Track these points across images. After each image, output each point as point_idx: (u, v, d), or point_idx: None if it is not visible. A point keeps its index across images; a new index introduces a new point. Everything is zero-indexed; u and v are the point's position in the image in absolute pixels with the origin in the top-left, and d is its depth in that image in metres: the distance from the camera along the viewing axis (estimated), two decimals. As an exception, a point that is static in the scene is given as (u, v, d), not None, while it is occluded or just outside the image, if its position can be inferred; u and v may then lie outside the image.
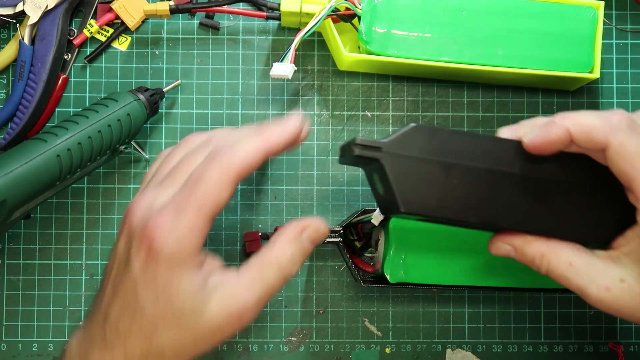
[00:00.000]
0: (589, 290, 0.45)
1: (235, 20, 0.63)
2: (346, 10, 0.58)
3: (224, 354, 0.61)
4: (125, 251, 0.45)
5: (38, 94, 0.59)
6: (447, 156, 0.46)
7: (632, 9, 0.63)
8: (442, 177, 0.46)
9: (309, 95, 0.62)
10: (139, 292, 0.44)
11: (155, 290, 0.44)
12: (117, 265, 0.46)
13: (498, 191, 0.47)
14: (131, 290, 0.44)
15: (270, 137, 0.46)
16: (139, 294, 0.44)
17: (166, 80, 0.62)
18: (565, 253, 0.46)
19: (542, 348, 0.62)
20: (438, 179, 0.46)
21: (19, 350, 0.61)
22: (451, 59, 0.58)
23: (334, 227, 0.57)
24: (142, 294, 0.44)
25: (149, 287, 0.44)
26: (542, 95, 0.63)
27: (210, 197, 0.44)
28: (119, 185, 0.62)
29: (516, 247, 0.47)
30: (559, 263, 0.46)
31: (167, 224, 0.43)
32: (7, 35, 0.62)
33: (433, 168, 0.46)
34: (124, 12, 0.61)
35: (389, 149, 0.46)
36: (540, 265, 0.47)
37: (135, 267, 0.44)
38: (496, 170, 0.47)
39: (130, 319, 0.44)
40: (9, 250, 0.61)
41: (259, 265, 0.46)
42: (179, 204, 0.44)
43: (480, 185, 0.46)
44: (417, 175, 0.46)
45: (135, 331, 0.44)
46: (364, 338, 0.62)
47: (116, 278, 0.46)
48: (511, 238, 0.48)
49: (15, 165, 0.52)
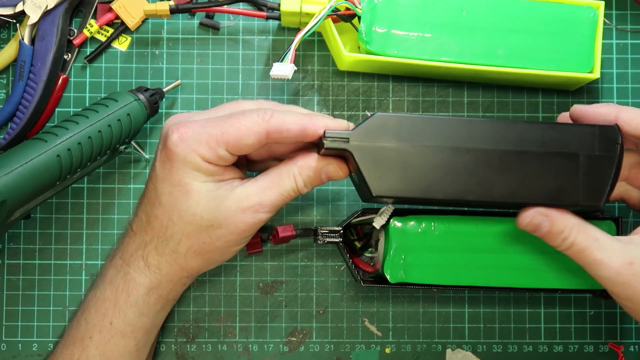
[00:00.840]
0: (611, 263, 0.50)
1: (235, 20, 0.63)
2: (346, 10, 0.58)
3: (224, 354, 0.61)
4: (156, 153, 0.53)
5: (38, 94, 0.59)
6: (412, 140, 0.49)
7: (632, 9, 0.63)
8: (409, 160, 0.49)
9: (309, 95, 0.62)
10: (158, 185, 0.51)
11: (171, 184, 0.51)
12: (150, 170, 0.53)
13: (464, 167, 0.50)
14: (153, 185, 0.52)
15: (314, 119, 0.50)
16: (158, 187, 0.51)
17: (166, 80, 0.62)
18: (592, 229, 0.51)
19: (542, 348, 0.62)
20: (405, 163, 0.50)
21: (19, 350, 0.61)
22: (451, 59, 0.58)
23: (334, 227, 0.57)
24: (159, 187, 0.51)
25: (165, 181, 0.51)
26: (542, 95, 0.63)
27: (236, 132, 0.49)
28: (119, 185, 0.62)
29: (553, 218, 0.51)
30: (587, 237, 0.51)
31: (190, 131, 0.50)
32: (7, 35, 0.62)
33: (400, 153, 0.49)
34: (124, 12, 0.61)
35: (356, 139, 0.49)
36: (568, 236, 0.51)
37: (157, 163, 0.51)
38: (461, 148, 0.50)
39: (150, 209, 0.52)
40: (9, 250, 0.61)
41: (277, 173, 0.52)
42: (208, 121, 0.50)
43: (446, 163, 0.50)
44: (386, 161, 0.49)
45: (153, 221, 0.52)
46: (364, 338, 0.62)
47: (148, 180, 0.53)
48: (548, 210, 0.51)
49: (15, 165, 0.52)
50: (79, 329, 0.54)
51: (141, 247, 0.53)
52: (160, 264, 0.53)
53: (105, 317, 0.53)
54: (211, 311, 0.61)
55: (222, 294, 0.62)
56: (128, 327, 0.54)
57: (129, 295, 0.53)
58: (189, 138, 0.50)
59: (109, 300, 0.53)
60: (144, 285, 0.53)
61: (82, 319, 0.55)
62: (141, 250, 0.53)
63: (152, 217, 0.52)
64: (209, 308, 0.61)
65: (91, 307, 0.54)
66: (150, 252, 0.52)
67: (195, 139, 0.50)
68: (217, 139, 0.50)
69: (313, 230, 0.57)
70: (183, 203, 0.51)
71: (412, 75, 0.62)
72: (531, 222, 0.52)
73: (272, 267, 0.62)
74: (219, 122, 0.50)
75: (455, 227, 0.56)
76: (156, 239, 0.52)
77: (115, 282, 0.53)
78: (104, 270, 0.55)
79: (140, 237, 0.53)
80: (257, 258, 0.62)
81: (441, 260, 0.55)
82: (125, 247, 0.54)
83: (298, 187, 0.52)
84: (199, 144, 0.50)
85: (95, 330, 0.54)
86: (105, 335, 0.54)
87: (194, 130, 0.50)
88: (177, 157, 0.50)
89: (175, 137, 0.50)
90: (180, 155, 0.50)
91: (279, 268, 0.62)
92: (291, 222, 0.61)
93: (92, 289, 0.56)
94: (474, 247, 0.56)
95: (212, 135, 0.50)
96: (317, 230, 0.57)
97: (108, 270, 0.55)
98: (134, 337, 0.54)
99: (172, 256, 0.52)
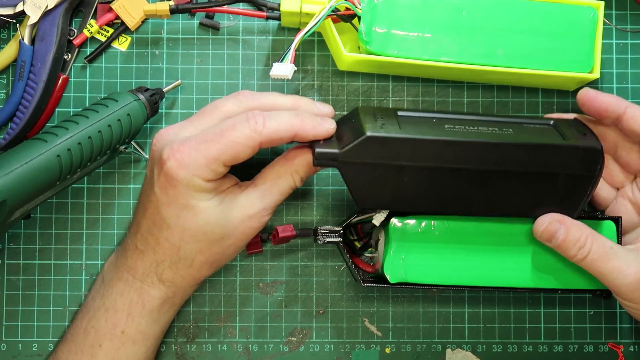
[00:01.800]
0: (628, 270, 0.51)
1: (235, 20, 0.63)
2: (346, 10, 0.58)
3: (224, 354, 0.61)
4: (150, 175, 0.52)
5: (38, 94, 0.59)
6: (397, 160, 0.51)
7: (632, 9, 0.63)
8: (393, 177, 0.52)
9: (309, 95, 0.62)
10: (162, 209, 0.51)
11: (177, 208, 0.51)
12: (145, 188, 0.54)
13: (446, 185, 0.53)
14: (155, 209, 0.52)
15: (304, 125, 0.51)
16: (162, 212, 0.51)
17: (166, 80, 0.62)
18: (606, 239, 0.53)
19: (542, 348, 0.62)
20: (390, 179, 0.52)
21: (19, 350, 0.61)
22: (451, 59, 0.58)
23: (334, 227, 0.57)
24: (164, 211, 0.51)
25: (170, 205, 0.51)
26: (542, 95, 0.63)
27: (232, 149, 0.50)
28: (119, 185, 0.62)
29: (568, 225, 0.52)
30: (603, 245, 0.52)
31: (187, 155, 0.50)
32: (7, 35, 0.62)
33: (384, 170, 0.52)
34: (124, 12, 0.61)
35: (344, 157, 0.51)
36: (584, 244, 0.52)
37: (157, 189, 0.51)
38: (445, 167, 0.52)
39: (158, 231, 0.52)
40: (9, 250, 0.61)
41: (275, 174, 0.53)
42: (203, 140, 0.50)
43: (429, 181, 0.52)
44: (371, 177, 0.52)
45: (163, 242, 0.52)
46: (364, 338, 0.62)
47: (144, 199, 0.53)
48: (562, 217, 0.53)
49: (15, 165, 0.51)
50: (87, 337, 0.55)
51: (153, 265, 0.53)
52: (175, 278, 0.54)
53: (117, 327, 0.54)
54: (211, 311, 0.61)
55: (222, 294, 0.62)
56: (139, 334, 0.55)
57: (144, 306, 0.54)
58: (188, 164, 0.50)
59: (121, 311, 0.54)
60: (159, 297, 0.54)
61: (89, 326, 0.55)
62: (154, 269, 0.54)
63: (162, 239, 0.52)
64: (209, 308, 0.61)
65: (100, 317, 0.55)
66: (164, 270, 0.53)
67: (195, 164, 0.50)
68: (214, 159, 0.50)
69: (313, 230, 0.57)
70: (193, 224, 0.51)
71: (412, 75, 0.62)
72: (547, 230, 0.53)
73: (272, 267, 0.62)
74: (213, 140, 0.50)
75: (455, 227, 0.56)
76: (169, 258, 0.53)
77: (127, 295, 0.54)
78: (110, 281, 0.55)
79: (150, 257, 0.53)
80: (257, 258, 0.62)
81: (441, 260, 0.55)
82: (133, 263, 0.54)
83: (296, 184, 0.54)
84: (199, 167, 0.50)
85: (106, 339, 0.54)
86: (116, 344, 0.54)
87: (190, 154, 0.50)
88: (179, 183, 0.50)
89: (173, 163, 0.50)
90: (182, 182, 0.50)
91: (279, 268, 0.62)
92: (291, 222, 0.61)
93: (96, 297, 0.56)
94: (474, 247, 0.56)
95: (210, 157, 0.50)
96: (317, 230, 0.57)
97: (115, 282, 0.55)
98: (144, 344, 0.55)
99: (186, 271, 0.54)
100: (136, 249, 0.54)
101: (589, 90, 0.56)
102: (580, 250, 0.52)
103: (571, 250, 0.52)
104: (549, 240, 0.53)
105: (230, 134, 0.50)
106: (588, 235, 0.52)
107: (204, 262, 0.53)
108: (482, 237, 0.56)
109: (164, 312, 0.56)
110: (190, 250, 0.52)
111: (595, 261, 0.52)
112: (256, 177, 0.54)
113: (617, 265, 0.51)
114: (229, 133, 0.50)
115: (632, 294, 0.51)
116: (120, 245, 0.58)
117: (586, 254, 0.52)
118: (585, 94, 0.56)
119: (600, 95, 0.55)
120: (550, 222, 0.53)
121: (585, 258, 0.52)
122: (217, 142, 0.50)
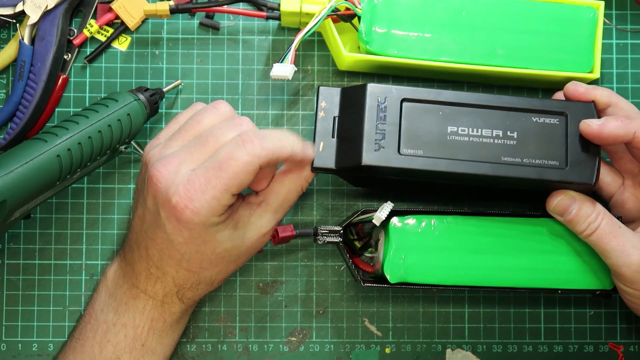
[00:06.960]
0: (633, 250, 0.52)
1: (235, 20, 0.63)
2: (346, 10, 0.58)
3: (224, 354, 0.61)
4: (154, 210, 0.52)
5: (38, 94, 0.59)
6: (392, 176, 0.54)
7: (632, 9, 0.63)
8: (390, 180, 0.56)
9: (309, 95, 0.62)
10: (178, 247, 0.52)
11: (195, 245, 0.51)
12: (148, 216, 0.53)
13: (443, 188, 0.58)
14: (168, 244, 0.52)
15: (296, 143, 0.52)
16: (180, 249, 0.52)
17: (166, 80, 0.62)
18: (615, 218, 0.53)
19: (542, 348, 0.62)
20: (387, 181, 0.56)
21: (19, 350, 0.61)
22: (451, 59, 0.58)
23: (334, 227, 0.57)
24: (182, 248, 0.52)
25: (187, 243, 0.51)
26: (542, 95, 0.63)
27: (236, 180, 0.49)
28: (119, 185, 0.62)
29: (580, 201, 0.53)
30: (612, 222, 0.53)
31: (197, 201, 0.49)
32: (7, 35, 0.62)
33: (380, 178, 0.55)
34: (124, 12, 0.61)
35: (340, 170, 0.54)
36: (594, 220, 0.53)
37: (169, 229, 0.51)
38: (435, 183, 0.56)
39: (176, 264, 0.53)
40: (9, 250, 0.61)
41: (286, 188, 0.54)
42: (207, 181, 0.50)
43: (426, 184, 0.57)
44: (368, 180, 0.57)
45: (183, 272, 0.53)
46: (364, 338, 0.62)
47: (150, 226, 0.53)
48: (576, 193, 0.53)
49: (15, 165, 0.51)
50: (103, 350, 0.55)
51: (174, 290, 0.54)
52: (195, 296, 0.56)
53: (137, 341, 0.55)
54: (211, 311, 0.61)
55: (222, 294, 0.62)
56: (159, 345, 0.56)
57: (165, 321, 0.55)
58: (200, 210, 0.50)
59: (142, 327, 0.55)
60: (180, 311, 0.56)
61: (104, 340, 0.55)
62: (175, 292, 0.55)
63: (181, 270, 0.53)
64: (209, 308, 0.61)
65: (117, 332, 0.55)
66: (185, 292, 0.55)
67: (207, 206, 0.50)
68: (222, 195, 0.50)
69: (313, 230, 0.57)
70: (212, 253, 0.53)
71: (412, 75, 0.62)
72: (560, 204, 0.53)
73: (272, 267, 0.62)
74: (216, 177, 0.49)
75: (455, 227, 0.56)
76: (189, 283, 0.54)
77: (148, 313, 0.55)
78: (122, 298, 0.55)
79: (170, 283, 0.54)
80: (257, 258, 0.62)
81: (441, 260, 0.55)
82: (151, 288, 0.54)
83: (303, 191, 0.56)
84: (211, 209, 0.50)
85: (125, 352, 0.55)
86: (136, 355, 0.55)
87: (200, 200, 0.50)
88: (196, 227, 0.51)
89: (187, 213, 0.50)
90: (198, 225, 0.50)
91: (279, 268, 0.62)
92: (291, 222, 0.61)
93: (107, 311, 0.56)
94: (474, 247, 0.56)
95: (218, 195, 0.50)
96: (317, 230, 0.57)
97: (131, 302, 0.55)
98: (163, 352, 0.57)
99: (206, 289, 0.56)
100: (150, 274, 0.54)
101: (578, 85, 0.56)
102: (590, 225, 0.53)
103: (581, 225, 0.53)
104: (561, 215, 0.54)
105: (230, 165, 0.49)
106: (599, 212, 0.53)
107: (222, 280, 0.56)
108: (482, 237, 0.56)
109: (182, 322, 0.58)
110: (210, 274, 0.54)
111: (601, 237, 0.52)
112: (266, 194, 0.55)
113: (622, 243, 0.52)
114: (228, 165, 0.49)
115: (633, 276, 0.52)
116: (124, 259, 0.57)
117: (594, 229, 0.53)
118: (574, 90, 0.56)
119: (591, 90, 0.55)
120: (564, 196, 0.53)
121: (593, 233, 0.53)
122: (221, 178, 0.49)
